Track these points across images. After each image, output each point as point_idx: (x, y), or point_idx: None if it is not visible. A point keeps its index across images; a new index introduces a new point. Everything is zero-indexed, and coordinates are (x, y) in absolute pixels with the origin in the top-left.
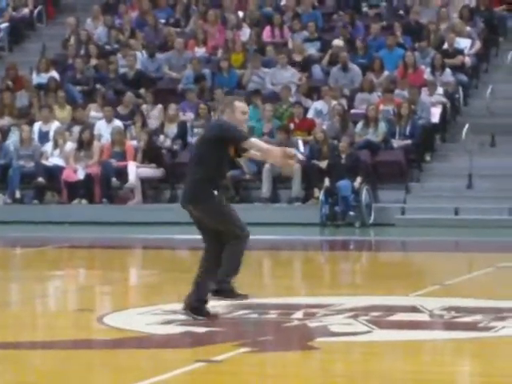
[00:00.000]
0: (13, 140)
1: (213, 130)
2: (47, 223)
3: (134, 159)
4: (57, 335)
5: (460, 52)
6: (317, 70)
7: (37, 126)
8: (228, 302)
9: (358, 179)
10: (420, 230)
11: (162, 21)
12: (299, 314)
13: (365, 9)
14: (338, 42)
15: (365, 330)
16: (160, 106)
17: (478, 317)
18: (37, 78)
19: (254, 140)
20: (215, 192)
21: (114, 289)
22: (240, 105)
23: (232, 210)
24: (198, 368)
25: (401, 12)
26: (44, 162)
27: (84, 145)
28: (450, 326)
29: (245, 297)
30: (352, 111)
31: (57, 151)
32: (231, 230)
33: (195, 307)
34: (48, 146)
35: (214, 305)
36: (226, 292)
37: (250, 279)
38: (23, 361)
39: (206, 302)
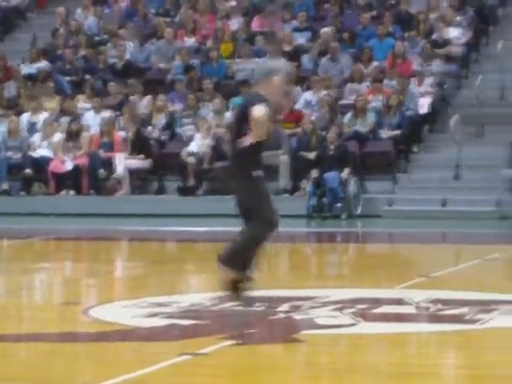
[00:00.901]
0: (1, 131)
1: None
2: (34, 215)
3: (122, 150)
4: (42, 328)
5: (450, 42)
6: (306, 60)
7: (25, 116)
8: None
9: (346, 170)
10: (407, 222)
11: (152, 10)
12: (285, 307)
13: None
14: (326, 30)
15: (350, 322)
16: (148, 97)
17: (464, 309)
18: (26, 68)
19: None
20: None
21: (100, 281)
22: (277, 80)
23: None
24: (183, 361)
25: (391, 1)
26: (31, 153)
27: (72, 135)
28: (436, 318)
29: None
30: (341, 102)
31: (45, 142)
32: (262, 211)
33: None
34: (36, 137)
35: (202, 297)
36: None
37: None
38: (8, 353)
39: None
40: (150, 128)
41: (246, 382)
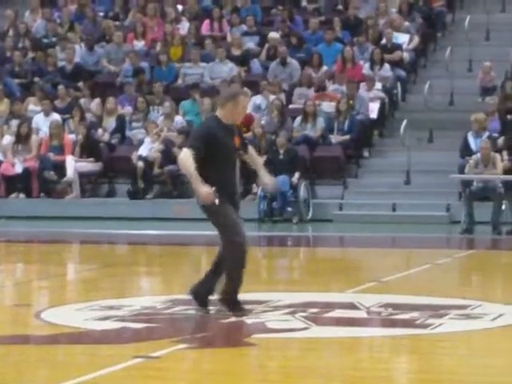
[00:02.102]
0: None
1: None
2: None
3: (72, 153)
4: None
5: (398, 47)
6: (256, 64)
7: None
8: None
9: (296, 175)
10: (358, 226)
11: (101, 14)
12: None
13: (304, 3)
14: (274, 35)
15: (302, 326)
16: (98, 100)
17: (415, 314)
18: None
19: (188, 156)
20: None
21: (52, 284)
22: (244, 100)
23: (235, 216)
24: (135, 364)
25: (340, 7)
26: None
27: (22, 138)
28: (388, 322)
29: (246, 313)
30: (290, 106)
31: None
32: (228, 236)
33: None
34: None
35: (154, 300)
36: (231, 303)
37: (189, 275)
38: None
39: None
40: (100, 131)
41: None
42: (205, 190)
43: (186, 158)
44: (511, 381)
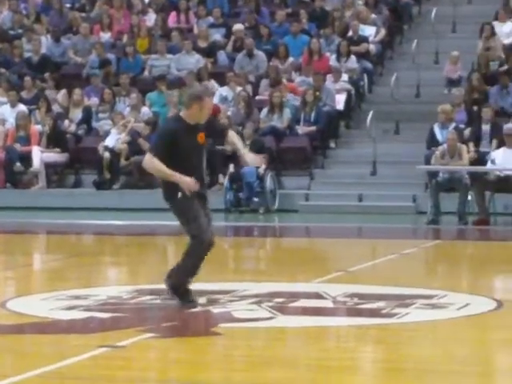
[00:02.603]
0: None
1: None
2: None
3: (39, 144)
4: None
5: (365, 39)
6: (222, 56)
7: None
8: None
9: (263, 165)
10: (324, 217)
11: (68, 5)
12: (203, 300)
13: None
14: (239, 27)
15: (268, 316)
16: (64, 91)
17: (381, 303)
18: None
19: (154, 160)
20: (178, 190)
21: (18, 274)
22: (209, 101)
23: (199, 211)
24: (101, 353)
25: None
26: None
27: None
28: (354, 312)
29: (194, 304)
30: (257, 97)
31: None
32: (190, 230)
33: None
34: None
35: (120, 290)
36: (180, 293)
37: (155, 265)
38: None
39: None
40: (66, 122)
41: (164, 375)
42: (188, 180)
43: (151, 162)
44: (476, 370)
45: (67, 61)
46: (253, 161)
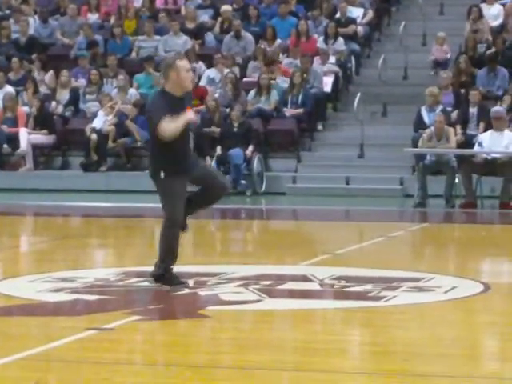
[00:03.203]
0: None
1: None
2: None
3: (26, 125)
4: None
5: (352, 21)
6: (210, 37)
7: None
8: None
9: (250, 148)
10: (311, 199)
11: None
12: (190, 283)
13: None
14: (226, 8)
15: (255, 298)
16: (52, 72)
17: (368, 286)
18: None
19: (164, 124)
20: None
21: (5, 256)
22: (182, 63)
23: (178, 194)
24: (89, 336)
25: None
26: None
27: None
28: (341, 295)
29: (185, 284)
30: (244, 79)
31: None
32: (165, 210)
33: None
34: None
35: (107, 272)
36: (166, 279)
37: (142, 248)
38: None
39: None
40: (53, 104)
41: (152, 357)
42: (189, 115)
43: (165, 127)
44: (463, 353)
45: (55, 42)
46: None
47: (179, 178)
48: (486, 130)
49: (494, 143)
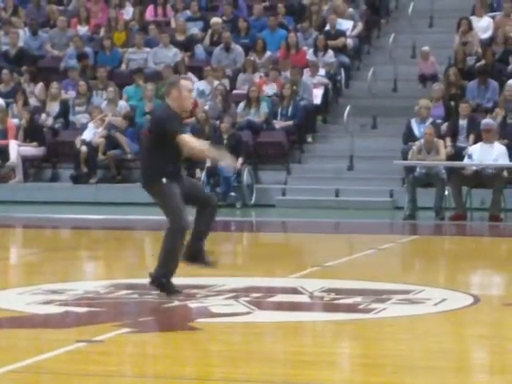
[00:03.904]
0: None
1: (153, 124)
2: None
3: (16, 138)
4: None
5: (342, 33)
6: (199, 49)
7: None
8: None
9: (240, 160)
10: (301, 211)
11: None
12: (180, 295)
13: None
14: (216, 20)
15: (245, 310)
16: (42, 84)
17: (358, 298)
18: None
19: (184, 137)
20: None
21: None
22: (186, 83)
23: (180, 200)
24: (78, 348)
25: None
26: None
27: None
28: (331, 307)
29: (180, 293)
30: (234, 92)
31: None
32: (171, 216)
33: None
34: None
35: (96, 284)
36: (163, 285)
37: (132, 260)
38: None
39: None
40: (43, 116)
41: (141, 370)
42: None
43: (187, 141)
44: (453, 365)
45: (44, 54)
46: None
47: (175, 183)
48: (475, 142)
49: (484, 155)
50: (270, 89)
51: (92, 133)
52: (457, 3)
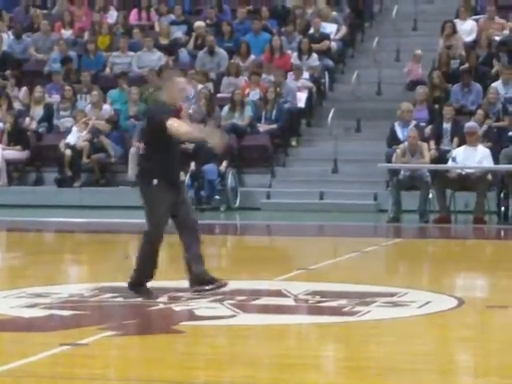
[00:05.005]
0: None
1: (146, 119)
2: None
3: (0, 141)
4: None
5: (326, 37)
6: (183, 53)
7: None
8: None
9: (224, 163)
10: (285, 214)
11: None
12: (164, 298)
13: None
14: (200, 24)
15: (230, 313)
16: (25, 88)
17: (342, 301)
18: None
19: (171, 124)
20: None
21: None
22: (180, 79)
23: (165, 208)
24: (63, 351)
25: None
26: None
27: None
28: (315, 310)
29: (156, 299)
30: (218, 95)
31: None
32: (149, 223)
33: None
34: None
35: (81, 288)
36: (138, 290)
37: (116, 263)
38: None
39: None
40: (27, 119)
41: (126, 373)
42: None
43: (176, 126)
44: (437, 368)
45: (28, 58)
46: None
47: (169, 189)
48: (459, 145)
49: (468, 158)
50: (253, 95)
51: (76, 136)
52: (440, 7)
